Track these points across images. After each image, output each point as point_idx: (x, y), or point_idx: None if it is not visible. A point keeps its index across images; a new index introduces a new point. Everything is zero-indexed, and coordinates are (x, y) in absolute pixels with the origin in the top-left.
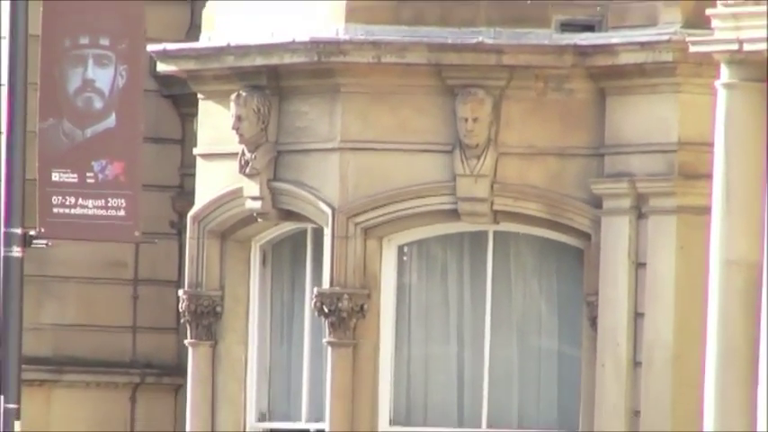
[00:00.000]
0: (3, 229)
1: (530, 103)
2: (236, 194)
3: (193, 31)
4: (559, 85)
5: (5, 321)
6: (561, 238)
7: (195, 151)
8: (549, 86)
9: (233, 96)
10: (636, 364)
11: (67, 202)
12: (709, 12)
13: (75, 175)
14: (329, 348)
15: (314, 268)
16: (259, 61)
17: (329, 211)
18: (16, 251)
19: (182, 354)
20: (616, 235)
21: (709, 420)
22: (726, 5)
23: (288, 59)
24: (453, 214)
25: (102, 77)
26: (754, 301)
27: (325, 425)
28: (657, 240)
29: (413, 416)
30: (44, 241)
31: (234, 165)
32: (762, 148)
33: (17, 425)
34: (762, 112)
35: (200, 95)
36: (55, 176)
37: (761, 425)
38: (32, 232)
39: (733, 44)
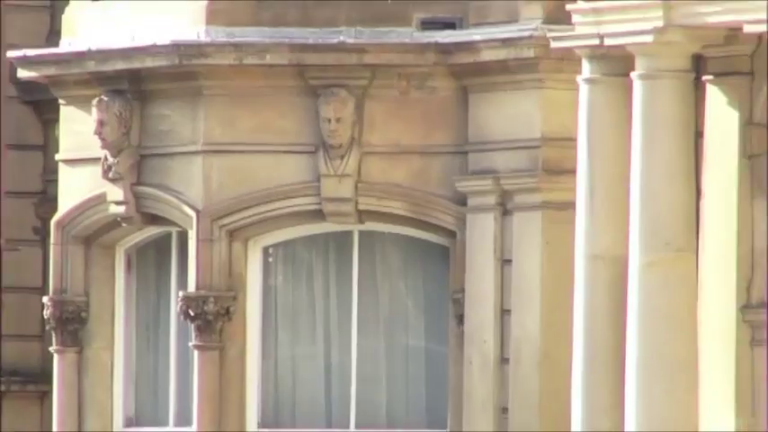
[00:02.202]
0: None
1: (393, 102)
2: (100, 199)
3: (53, 36)
4: (422, 84)
5: None
6: (427, 237)
7: (57, 157)
8: (412, 85)
9: (94, 101)
10: (503, 360)
11: None
12: (569, 7)
13: None
14: (196, 352)
15: (179, 272)
16: (120, 65)
17: (193, 214)
18: None
19: (47, 361)
20: (481, 232)
21: (576, 416)
22: (586, 1)
23: (149, 63)
24: (318, 215)
25: None
26: (620, 296)
27: (192, 428)
28: (523, 237)
29: (281, 417)
30: None
31: (97, 170)
32: (624, 142)
33: None
34: (624, 107)
35: (61, 101)
36: None
37: (629, 419)
38: None
39: (594, 39)
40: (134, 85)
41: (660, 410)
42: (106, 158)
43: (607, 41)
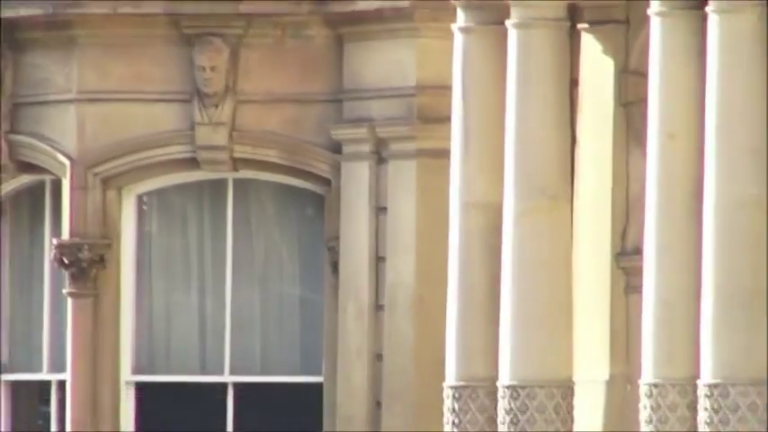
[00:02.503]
0: None
1: (268, 51)
2: None
3: None
4: (297, 33)
5: None
6: (301, 185)
7: None
8: (287, 34)
9: None
10: (378, 307)
11: None
12: None
13: None
14: (69, 299)
15: (53, 220)
16: None
17: (67, 162)
18: None
19: None
20: (356, 180)
21: (451, 362)
22: None
23: (23, 12)
24: (193, 163)
25: None
26: (494, 243)
27: (66, 375)
28: (398, 184)
29: (155, 365)
30: None
31: None
32: (500, 90)
33: None
34: (499, 56)
35: None
36: None
37: (503, 365)
38: None
39: None
40: (7, 34)
41: (535, 357)
42: None
43: None
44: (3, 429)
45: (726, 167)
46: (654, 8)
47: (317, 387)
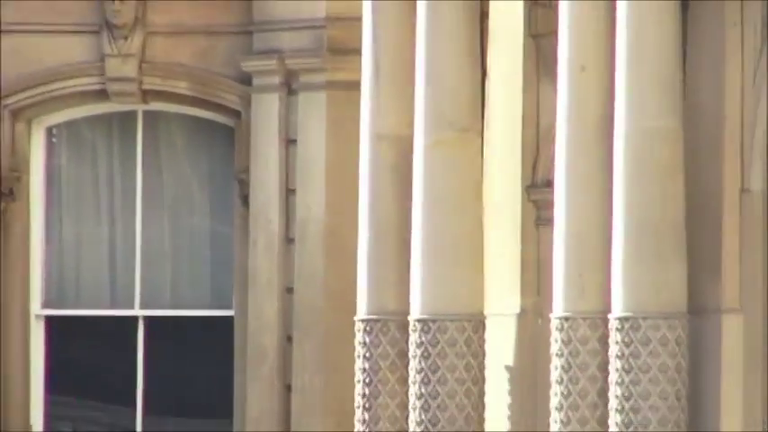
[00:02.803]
0: None
1: None
2: None
3: None
4: None
5: None
6: (211, 117)
7: None
8: None
9: None
10: (288, 240)
11: None
12: None
13: None
14: None
15: None
16: None
17: None
18: None
19: None
20: (266, 112)
21: (362, 294)
22: None
23: None
24: (102, 94)
25: None
26: (404, 176)
27: None
28: (308, 117)
29: (65, 299)
30: None
31: None
32: (410, 21)
33: None
34: None
35: None
36: None
37: (414, 297)
38: None
39: None
40: None
41: (446, 290)
42: None
43: None
44: None
45: (636, 99)
46: None
47: (228, 320)
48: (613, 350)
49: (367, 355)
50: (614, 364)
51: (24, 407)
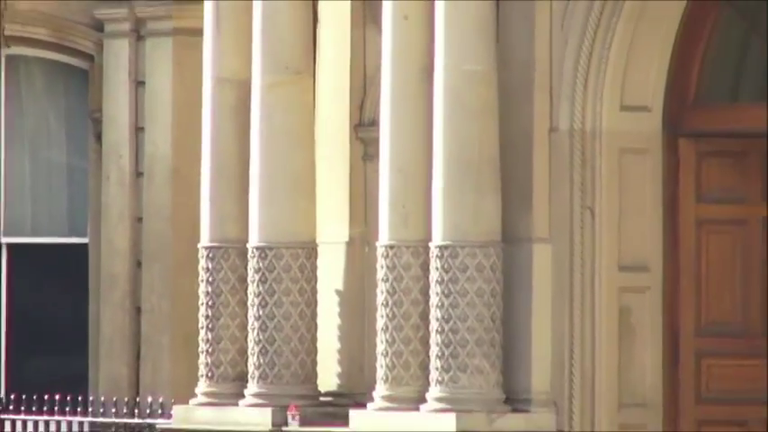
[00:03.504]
0: None
1: None
2: None
3: None
4: None
5: None
6: (68, 60)
7: None
8: None
9: None
10: (138, 174)
11: None
12: None
13: None
14: None
15: None
16: None
17: None
18: None
19: None
20: (117, 56)
21: (205, 225)
22: None
23: None
24: None
25: None
26: (245, 116)
27: None
28: (155, 61)
29: None
30: None
31: None
32: None
33: None
34: None
35: None
36: None
37: (252, 227)
38: None
39: None
40: None
41: (281, 220)
42: None
43: None
44: None
45: (454, 46)
46: None
47: (83, 248)
48: (434, 276)
49: (210, 279)
50: (434, 289)
51: None
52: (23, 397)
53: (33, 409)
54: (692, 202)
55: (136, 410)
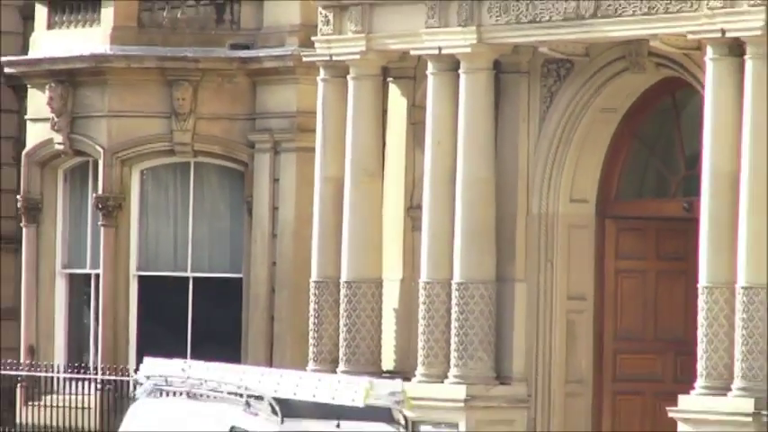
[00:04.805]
0: None
1: (213, 90)
2: (49, 141)
3: (26, 48)
4: (230, 80)
5: None
6: (232, 165)
7: (26, 117)
8: (224, 80)
9: (47, 86)
10: (273, 236)
11: None
12: (314, 38)
13: None
14: None
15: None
16: (61, 66)
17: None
18: None
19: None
20: (262, 163)
21: (314, 268)
22: (322, 35)
23: (78, 65)
24: (171, 152)
25: None
26: (339, 201)
27: None
28: (286, 167)
29: None
30: None
31: (47, 124)
32: (341, 108)
33: None
34: (344, 98)
35: (29, 85)
36: None
37: (342, 271)
38: None
39: (326, 57)
40: (69, 78)
41: (360, 265)
42: (53, 118)
43: (334, 59)
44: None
45: (470, 160)
46: None
47: (240, 280)
48: (453, 300)
49: (316, 301)
50: (454, 309)
51: None
52: None
53: None
54: (613, 258)
55: None
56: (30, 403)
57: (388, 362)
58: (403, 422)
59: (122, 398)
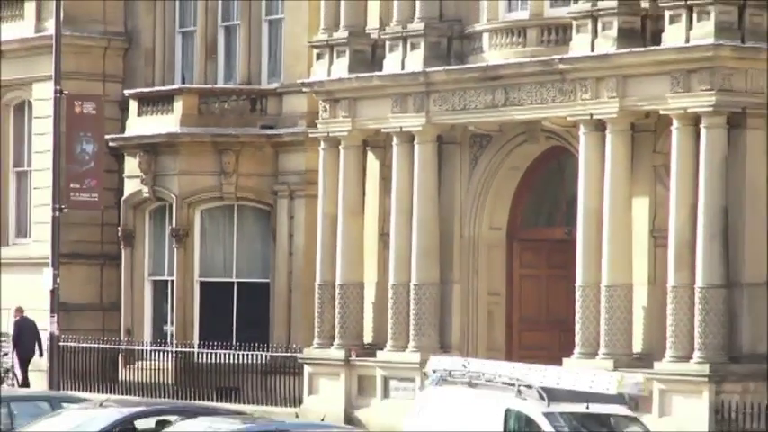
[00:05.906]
0: None
1: (250, 156)
2: (139, 192)
3: (124, 127)
4: (260, 149)
5: None
6: (260, 207)
7: (124, 175)
8: (256, 150)
9: (138, 155)
10: (291, 253)
11: None
12: (317, 121)
13: None
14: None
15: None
16: (158, 140)
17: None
18: None
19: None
20: (283, 205)
21: (318, 274)
22: (322, 119)
23: (164, 140)
24: (221, 198)
25: None
26: (335, 229)
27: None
28: (298, 210)
29: None
30: None
31: (137, 180)
32: (334, 170)
33: None
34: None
35: (126, 154)
36: None
37: (337, 277)
38: None
39: (325, 134)
40: (152, 149)
41: (347, 272)
42: (142, 176)
43: (330, 135)
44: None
45: (423, 206)
46: None
47: (267, 284)
48: (412, 296)
49: (319, 297)
50: (412, 302)
51: None
52: None
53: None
54: (518, 267)
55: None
56: (127, 366)
57: (368, 337)
58: (632, 405)
59: (189, 363)
